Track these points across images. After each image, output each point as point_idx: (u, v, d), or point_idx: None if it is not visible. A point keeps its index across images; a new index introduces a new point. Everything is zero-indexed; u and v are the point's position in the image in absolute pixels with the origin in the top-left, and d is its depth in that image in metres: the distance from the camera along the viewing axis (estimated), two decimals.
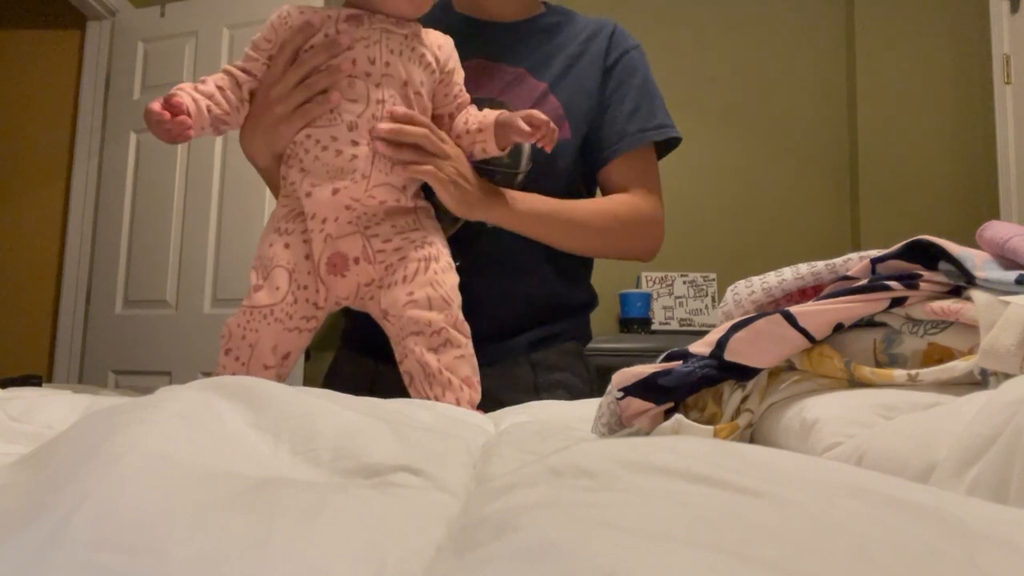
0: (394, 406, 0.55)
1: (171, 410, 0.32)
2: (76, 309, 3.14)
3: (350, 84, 0.86)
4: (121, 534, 0.21)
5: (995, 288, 0.42)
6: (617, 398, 0.49)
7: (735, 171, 3.15)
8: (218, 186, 3.00)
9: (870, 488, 0.24)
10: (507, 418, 0.65)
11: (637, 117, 1.11)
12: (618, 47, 1.14)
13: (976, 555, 0.19)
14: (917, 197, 2.93)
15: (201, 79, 0.88)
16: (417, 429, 0.43)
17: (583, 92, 1.10)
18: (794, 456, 0.29)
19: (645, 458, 0.27)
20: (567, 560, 0.19)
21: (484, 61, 1.08)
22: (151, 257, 3.03)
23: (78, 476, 0.24)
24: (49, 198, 3.31)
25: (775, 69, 3.17)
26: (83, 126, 3.26)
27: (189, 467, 0.27)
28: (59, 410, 0.49)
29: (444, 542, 0.25)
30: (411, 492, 0.30)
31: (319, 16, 0.89)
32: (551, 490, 0.26)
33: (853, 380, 0.45)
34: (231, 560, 0.21)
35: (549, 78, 1.08)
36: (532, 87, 1.07)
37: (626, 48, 1.15)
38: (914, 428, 0.36)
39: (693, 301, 3.00)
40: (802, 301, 0.51)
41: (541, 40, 1.12)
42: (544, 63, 1.10)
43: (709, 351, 0.48)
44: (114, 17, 3.29)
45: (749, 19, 3.20)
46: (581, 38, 1.13)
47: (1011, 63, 2.66)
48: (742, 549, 0.19)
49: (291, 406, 0.38)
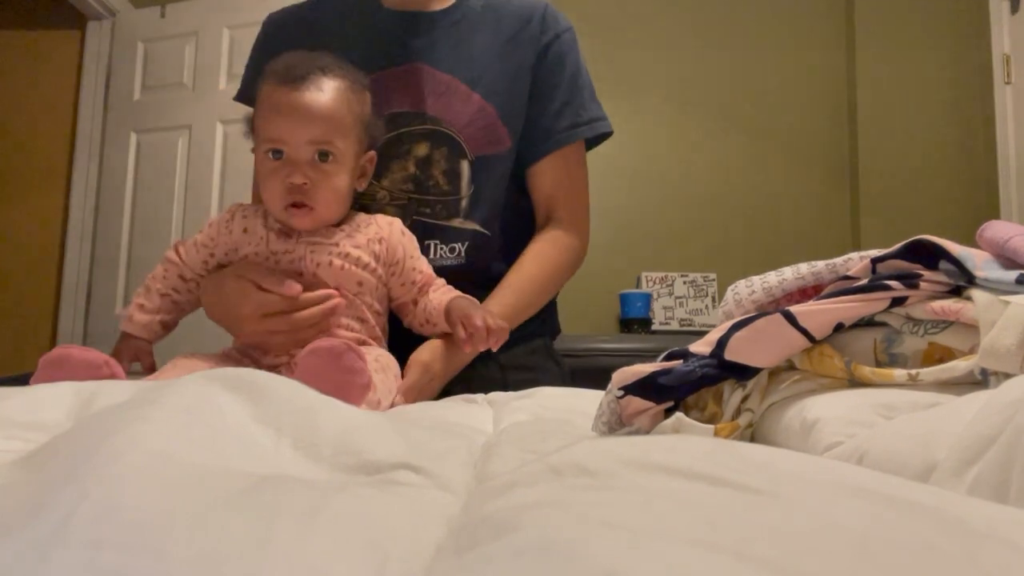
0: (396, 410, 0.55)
1: (172, 406, 0.32)
2: (76, 309, 3.14)
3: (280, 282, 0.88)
4: (121, 534, 0.21)
5: (995, 288, 0.42)
6: (617, 397, 0.49)
7: (735, 171, 3.15)
8: (218, 186, 3.00)
9: (870, 487, 0.24)
10: (507, 416, 0.65)
11: (567, 112, 1.10)
12: (548, 33, 1.10)
13: (976, 554, 0.19)
14: (917, 197, 2.93)
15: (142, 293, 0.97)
16: (418, 427, 0.43)
17: (516, 91, 1.08)
18: (794, 455, 0.29)
19: (645, 457, 0.27)
20: (567, 559, 0.19)
21: (416, 66, 1.06)
22: (151, 257, 3.01)
23: (78, 475, 0.24)
24: (49, 198, 3.31)
25: (775, 69, 3.17)
26: (83, 126, 3.26)
27: (189, 465, 0.27)
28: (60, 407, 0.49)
29: (444, 541, 0.25)
30: (412, 490, 0.30)
31: (258, 225, 0.92)
32: (551, 489, 0.26)
33: (853, 380, 0.45)
34: (231, 560, 0.21)
35: (482, 86, 1.06)
36: (464, 97, 1.05)
37: (556, 33, 1.11)
38: (914, 428, 0.36)
39: (693, 301, 2.99)
40: (802, 301, 0.51)
41: (472, 32, 1.09)
42: (474, 65, 1.07)
43: (709, 350, 0.48)
44: (114, 17, 3.29)
45: (749, 20, 3.20)
46: (512, 26, 1.10)
47: (1011, 63, 2.66)
48: (742, 548, 0.19)
49: (293, 400, 0.38)
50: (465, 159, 1.05)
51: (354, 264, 0.90)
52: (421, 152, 1.04)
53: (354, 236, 0.92)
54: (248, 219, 0.93)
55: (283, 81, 0.89)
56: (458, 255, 1.05)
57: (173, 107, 3.11)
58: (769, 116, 3.16)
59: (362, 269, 0.91)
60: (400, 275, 0.95)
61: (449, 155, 1.04)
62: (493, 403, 0.75)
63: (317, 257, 0.89)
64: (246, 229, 0.92)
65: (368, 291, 0.92)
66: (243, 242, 0.92)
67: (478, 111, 1.05)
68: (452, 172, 1.04)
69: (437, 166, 1.04)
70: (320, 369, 0.67)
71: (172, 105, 3.11)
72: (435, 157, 1.04)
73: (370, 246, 0.92)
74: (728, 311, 0.58)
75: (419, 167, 1.04)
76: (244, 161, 3.04)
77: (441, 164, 1.04)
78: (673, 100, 3.19)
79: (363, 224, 0.95)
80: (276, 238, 0.91)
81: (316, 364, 0.68)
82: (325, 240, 0.91)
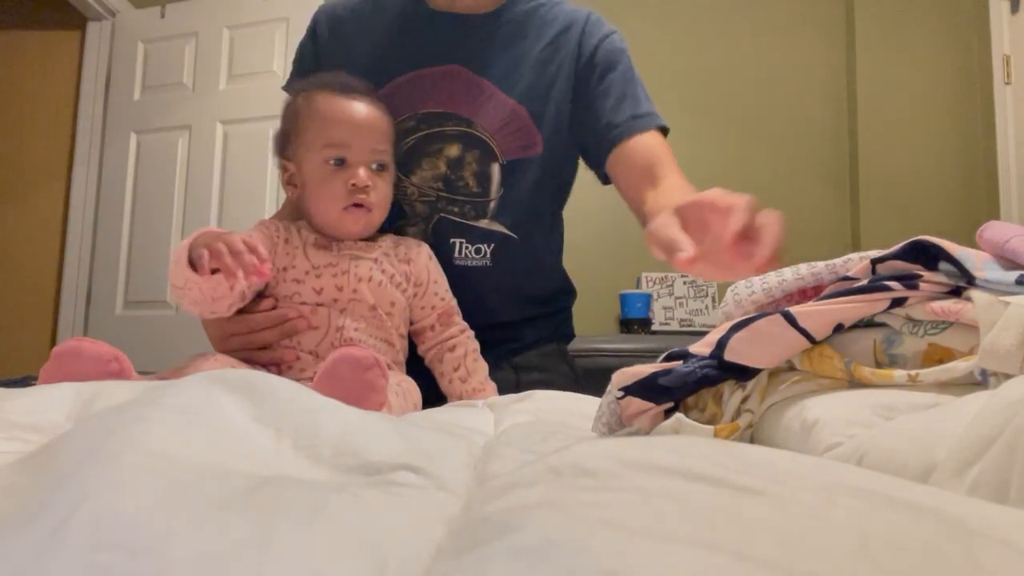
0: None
1: (172, 406, 0.32)
2: (76, 309, 3.14)
3: (313, 312, 0.88)
4: (121, 534, 0.21)
5: (995, 288, 0.42)
6: (617, 398, 0.49)
7: (735, 171, 3.14)
8: (218, 186, 3.00)
9: (870, 488, 0.24)
10: (508, 418, 0.65)
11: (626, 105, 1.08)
12: (594, 36, 1.10)
13: (976, 555, 0.19)
14: (917, 197, 2.93)
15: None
16: (418, 428, 0.43)
17: (554, 95, 1.07)
18: (794, 456, 0.29)
19: (645, 457, 0.27)
20: (567, 559, 0.19)
21: (455, 68, 1.07)
22: (151, 257, 3.02)
23: (78, 476, 0.24)
24: (49, 198, 3.31)
25: (775, 69, 3.17)
26: (83, 126, 3.26)
27: (189, 466, 0.27)
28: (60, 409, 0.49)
29: (444, 542, 0.25)
30: (412, 491, 0.30)
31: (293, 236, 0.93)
32: (551, 489, 0.26)
33: (853, 380, 0.45)
34: (231, 560, 0.21)
35: (518, 90, 1.06)
36: (500, 102, 1.05)
37: (605, 34, 1.11)
38: (914, 428, 0.36)
39: (693, 302, 2.99)
40: (802, 301, 0.51)
41: (514, 37, 1.09)
42: (513, 70, 1.07)
43: (709, 351, 0.48)
44: (114, 18, 3.29)
45: (749, 19, 3.20)
46: (554, 31, 1.10)
47: (1011, 63, 2.66)
48: (742, 548, 0.19)
49: (293, 401, 0.38)
50: (496, 162, 1.05)
51: (390, 281, 0.92)
52: (453, 153, 1.05)
53: (390, 254, 0.94)
54: (286, 232, 0.93)
55: (343, 93, 0.93)
56: (484, 256, 1.05)
57: (173, 107, 3.11)
58: (769, 116, 3.16)
59: (396, 288, 0.92)
60: (423, 297, 0.96)
61: (481, 158, 1.05)
62: (493, 406, 0.75)
63: (360, 271, 0.90)
64: (287, 240, 0.93)
65: (399, 312, 0.93)
66: (283, 252, 0.91)
67: (511, 114, 1.06)
68: (483, 175, 1.05)
69: (468, 168, 1.05)
70: (343, 376, 0.67)
71: (172, 105, 3.11)
72: (467, 159, 1.05)
73: (401, 266, 0.94)
74: (728, 312, 0.58)
75: (450, 167, 1.05)
76: (244, 161, 3.05)
77: (472, 166, 1.05)
78: (673, 100, 3.19)
79: (393, 244, 0.97)
80: (315, 250, 0.91)
81: (340, 371, 0.67)
82: (366, 254, 0.92)
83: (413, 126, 1.05)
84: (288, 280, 0.90)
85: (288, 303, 0.89)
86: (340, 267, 0.90)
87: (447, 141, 1.05)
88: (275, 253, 0.91)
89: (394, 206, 1.01)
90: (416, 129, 1.05)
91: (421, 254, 0.97)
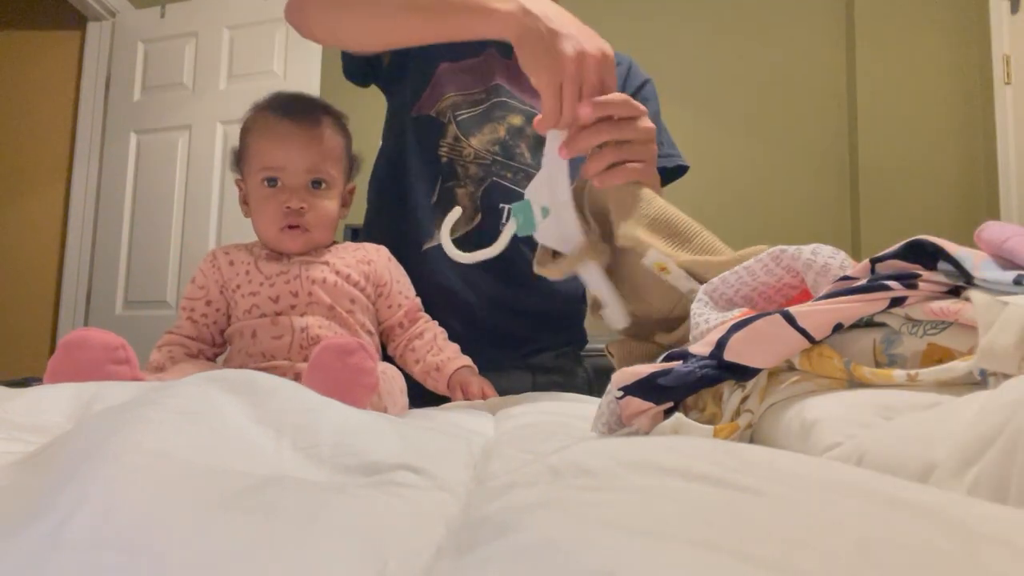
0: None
1: (172, 407, 0.32)
2: (76, 309, 3.14)
3: (274, 322, 0.90)
4: (121, 534, 0.21)
5: (993, 288, 0.42)
6: (617, 398, 0.49)
7: (735, 171, 3.15)
8: (218, 186, 3.00)
9: (870, 488, 0.24)
10: (507, 419, 0.65)
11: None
12: (635, 79, 1.18)
13: (976, 555, 0.19)
14: (917, 197, 2.93)
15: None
16: (418, 428, 0.43)
17: None
18: (794, 456, 0.29)
19: (645, 457, 0.27)
20: (567, 559, 0.19)
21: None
22: (151, 258, 3.03)
23: (78, 476, 0.24)
24: (49, 198, 3.31)
25: (775, 69, 3.17)
26: (83, 126, 3.26)
27: (189, 466, 0.27)
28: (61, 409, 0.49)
29: (444, 542, 0.25)
30: (411, 491, 0.30)
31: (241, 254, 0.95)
32: (551, 489, 0.26)
33: (853, 380, 0.45)
34: (231, 561, 0.21)
35: None
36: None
37: (643, 81, 1.19)
38: (914, 428, 0.36)
39: None
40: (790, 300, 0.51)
41: None
42: None
43: (709, 351, 0.48)
44: (114, 18, 3.29)
45: (749, 20, 3.20)
46: None
47: (1011, 63, 2.66)
48: (742, 548, 0.19)
49: (293, 401, 0.38)
50: None
51: (345, 280, 0.94)
52: (516, 122, 1.10)
53: (344, 257, 0.96)
54: (230, 254, 0.97)
55: (279, 113, 0.95)
56: None
57: (173, 107, 3.11)
58: (769, 116, 3.16)
59: (353, 286, 0.94)
60: (387, 297, 0.99)
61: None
62: (494, 407, 0.75)
63: (312, 273, 0.92)
64: (232, 262, 0.95)
65: (360, 309, 0.95)
66: (231, 274, 0.94)
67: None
68: (538, 148, 1.07)
69: (527, 140, 1.09)
70: (329, 365, 0.68)
71: (172, 105, 3.11)
72: (527, 131, 1.09)
73: (359, 266, 0.96)
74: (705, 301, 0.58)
75: (509, 134, 1.09)
76: None
77: (531, 139, 1.09)
78: (672, 100, 3.18)
79: (351, 249, 0.99)
80: (266, 262, 0.94)
81: (326, 360, 0.68)
82: (316, 259, 0.95)
83: (483, 97, 1.11)
84: (245, 295, 0.92)
85: (248, 317, 0.91)
86: (292, 273, 0.93)
87: (513, 111, 1.10)
88: (221, 282, 0.95)
89: (448, 165, 1.05)
90: (485, 100, 1.10)
91: (380, 256, 1.00)
